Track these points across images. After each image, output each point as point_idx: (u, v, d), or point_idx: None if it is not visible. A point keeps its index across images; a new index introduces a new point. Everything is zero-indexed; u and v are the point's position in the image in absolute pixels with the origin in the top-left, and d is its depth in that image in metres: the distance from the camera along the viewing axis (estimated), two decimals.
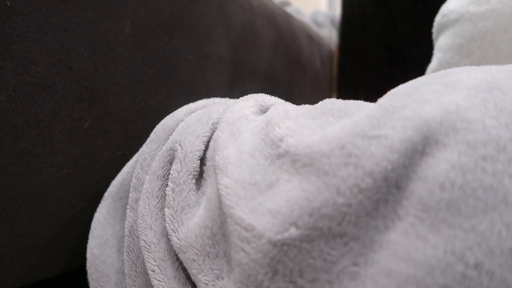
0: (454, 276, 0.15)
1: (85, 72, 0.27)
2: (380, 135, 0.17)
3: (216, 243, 0.20)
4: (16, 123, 0.23)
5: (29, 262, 0.26)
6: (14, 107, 0.23)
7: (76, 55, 0.26)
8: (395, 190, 0.17)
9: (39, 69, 0.24)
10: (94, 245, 0.27)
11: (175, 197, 0.23)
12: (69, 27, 0.26)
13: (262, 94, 0.28)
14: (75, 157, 0.27)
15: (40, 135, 0.25)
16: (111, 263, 0.26)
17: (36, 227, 0.26)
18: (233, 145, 0.22)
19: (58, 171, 0.26)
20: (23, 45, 0.23)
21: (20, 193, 0.24)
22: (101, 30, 0.28)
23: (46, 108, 0.25)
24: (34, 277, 0.27)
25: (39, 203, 0.26)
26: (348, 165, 0.17)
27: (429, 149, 0.16)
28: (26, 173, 0.24)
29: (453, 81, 0.19)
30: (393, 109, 0.18)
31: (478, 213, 0.15)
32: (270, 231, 0.17)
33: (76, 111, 0.27)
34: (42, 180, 0.25)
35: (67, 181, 0.27)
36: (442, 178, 0.16)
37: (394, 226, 0.16)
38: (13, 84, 0.23)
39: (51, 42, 0.25)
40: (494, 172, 0.15)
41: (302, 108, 0.23)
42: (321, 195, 0.17)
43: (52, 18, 0.25)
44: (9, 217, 0.24)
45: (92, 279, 0.26)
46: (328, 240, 0.17)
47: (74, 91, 0.27)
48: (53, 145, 0.26)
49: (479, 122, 0.16)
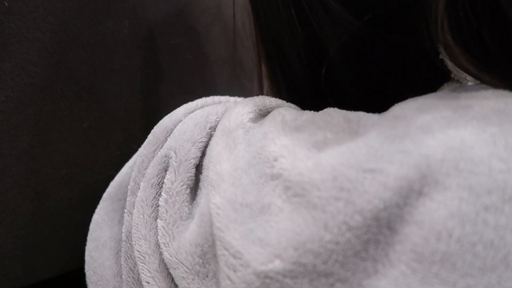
0: None
1: (84, 72, 0.27)
2: (375, 169, 0.16)
3: (206, 262, 0.20)
4: (15, 124, 0.23)
5: (28, 262, 0.26)
6: (13, 108, 0.23)
7: (75, 55, 0.26)
8: (387, 231, 0.15)
9: (37, 70, 0.24)
10: (92, 248, 0.26)
11: (167, 209, 0.22)
12: (67, 27, 0.26)
13: (261, 96, 0.27)
14: (74, 157, 0.27)
15: (39, 135, 0.25)
16: (109, 266, 0.25)
17: (35, 227, 0.26)
18: (228, 160, 0.21)
19: (57, 171, 0.26)
20: (22, 45, 0.23)
21: (19, 194, 0.24)
22: (99, 30, 0.28)
23: (45, 108, 0.25)
24: (33, 277, 0.27)
25: (39, 203, 0.26)
26: (338, 200, 0.16)
27: (427, 190, 0.15)
28: (25, 174, 0.24)
29: (463, 106, 0.17)
30: (394, 138, 0.17)
31: (475, 272, 0.14)
32: (256, 260, 0.16)
33: (75, 111, 0.27)
34: (41, 181, 0.25)
35: (66, 182, 0.27)
36: (439, 227, 0.14)
37: (384, 271, 0.15)
38: (12, 84, 0.23)
39: (50, 43, 0.25)
40: (497, 226, 0.14)
41: (300, 119, 0.22)
42: (308, 229, 0.16)
43: (50, 18, 0.25)
44: (9, 218, 0.24)
45: (90, 282, 0.26)
46: (312, 279, 0.16)
47: (72, 91, 0.27)
48: (52, 146, 0.26)
49: (485, 164, 0.15)
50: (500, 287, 0.14)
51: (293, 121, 0.21)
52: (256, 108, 0.25)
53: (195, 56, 0.37)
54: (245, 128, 0.23)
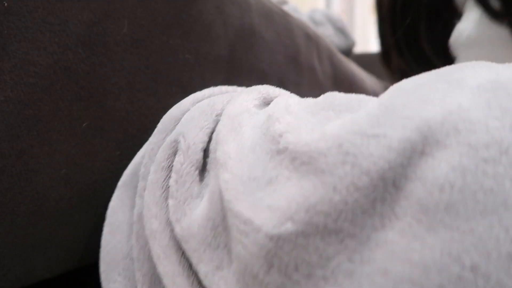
0: (450, 278, 0.15)
1: (83, 72, 0.27)
2: (379, 134, 0.17)
3: (217, 234, 0.20)
4: (14, 124, 0.23)
5: (28, 262, 0.26)
6: (12, 108, 0.23)
7: (74, 55, 0.26)
8: (392, 189, 0.16)
9: (37, 70, 0.24)
10: (107, 231, 0.28)
11: (178, 188, 0.23)
12: (66, 27, 0.26)
13: (266, 85, 0.28)
14: (74, 157, 0.27)
15: (38, 135, 0.25)
16: (120, 248, 0.27)
17: (35, 227, 0.26)
18: (234, 140, 0.22)
19: (57, 171, 0.26)
20: (21, 45, 0.23)
21: (19, 194, 0.24)
22: (98, 30, 0.28)
23: (45, 108, 0.25)
24: (33, 278, 0.27)
25: (38, 203, 0.26)
26: (345, 163, 0.17)
27: (429, 149, 0.16)
28: (25, 174, 0.24)
29: (457, 79, 0.19)
30: (394, 107, 0.18)
31: (477, 216, 0.15)
32: (267, 225, 0.17)
33: (74, 111, 0.27)
34: (41, 181, 0.25)
35: (66, 181, 0.27)
36: (442, 180, 0.15)
37: (391, 225, 0.16)
38: (11, 84, 0.23)
39: (49, 42, 0.25)
40: (495, 175, 0.15)
41: (304, 102, 0.23)
42: (317, 192, 0.17)
43: (50, 18, 0.25)
44: (8, 218, 0.24)
45: (103, 262, 0.27)
46: (323, 237, 0.17)
47: (72, 91, 0.27)
48: (51, 145, 0.26)
49: (482, 123, 0.16)
50: (500, 226, 0.15)
51: (297, 104, 0.22)
52: (260, 95, 0.26)
53: (194, 56, 0.37)
54: (250, 113, 0.24)
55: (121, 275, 0.26)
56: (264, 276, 0.17)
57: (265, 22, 0.52)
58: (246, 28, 0.46)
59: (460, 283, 0.15)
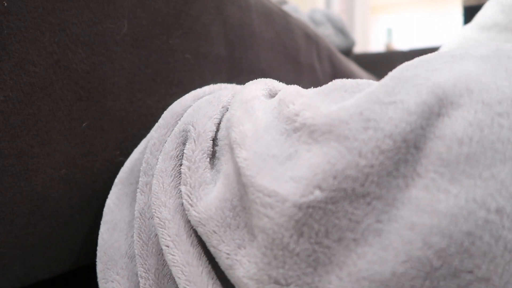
0: (477, 222, 0.15)
1: (83, 72, 0.27)
2: (396, 101, 0.18)
3: (236, 214, 0.21)
4: (14, 124, 0.23)
5: (28, 262, 0.26)
6: (12, 108, 0.23)
7: (74, 55, 0.26)
8: (414, 150, 0.17)
9: (36, 69, 0.24)
10: (104, 230, 0.28)
11: (191, 175, 0.23)
12: (66, 27, 0.26)
13: (270, 79, 0.29)
14: (73, 157, 0.27)
15: (38, 135, 0.25)
16: (118, 247, 0.27)
17: (35, 227, 0.26)
18: (249, 121, 0.22)
19: (57, 171, 0.26)
20: (21, 45, 0.23)
21: (19, 194, 0.24)
22: (98, 29, 0.28)
23: (44, 108, 0.25)
24: (33, 278, 0.27)
25: (38, 203, 0.26)
26: (368, 129, 0.17)
27: (444, 110, 0.17)
28: (25, 174, 0.24)
29: (460, 53, 0.19)
30: (406, 78, 0.18)
31: (497, 163, 0.16)
32: (295, 194, 0.18)
33: (74, 111, 0.27)
34: (41, 181, 0.25)
35: (65, 181, 0.27)
36: (460, 134, 0.16)
37: (414, 183, 0.17)
38: (11, 84, 0.23)
39: (49, 42, 0.25)
40: (511, 127, 0.16)
41: (313, 89, 0.23)
42: (344, 158, 0.17)
43: (49, 18, 0.25)
44: (8, 218, 0.24)
45: (100, 262, 0.27)
46: (352, 201, 0.17)
47: (71, 91, 0.26)
48: (51, 145, 0.26)
49: (492, 83, 0.17)
50: None
51: (307, 90, 0.23)
52: (266, 87, 0.27)
53: (194, 56, 0.37)
54: (260, 100, 0.25)
55: (119, 274, 0.25)
56: (295, 245, 0.18)
57: (265, 22, 0.52)
58: (246, 28, 0.46)
59: (487, 226, 0.15)
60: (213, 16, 0.40)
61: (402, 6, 5.12)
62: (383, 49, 4.65)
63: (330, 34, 1.26)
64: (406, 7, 5.11)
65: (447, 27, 4.78)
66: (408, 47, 1.63)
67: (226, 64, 0.42)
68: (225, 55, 0.42)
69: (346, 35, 1.30)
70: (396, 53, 1.65)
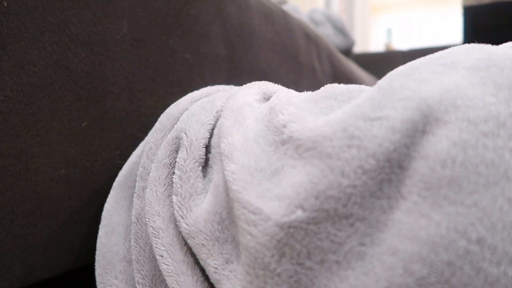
0: (457, 252, 0.15)
1: (83, 71, 0.27)
2: (381, 117, 0.17)
3: (225, 228, 0.20)
4: (14, 124, 0.23)
5: (28, 262, 0.26)
6: (12, 108, 0.23)
7: (74, 55, 0.26)
8: (398, 170, 0.17)
9: (36, 69, 0.24)
10: (102, 234, 0.27)
11: (182, 185, 0.23)
12: (66, 27, 0.26)
13: (265, 81, 0.28)
14: (73, 157, 0.27)
15: (38, 135, 0.25)
16: (116, 251, 0.26)
17: (34, 227, 0.26)
18: (238, 132, 0.22)
19: (56, 171, 0.26)
20: (20, 45, 0.23)
21: (19, 194, 0.24)
22: (98, 29, 0.28)
23: (44, 108, 0.25)
24: (33, 278, 0.27)
25: (38, 203, 0.26)
26: (351, 147, 0.17)
27: (429, 128, 0.17)
28: (24, 174, 0.24)
29: (451, 61, 0.19)
30: (393, 90, 0.18)
31: (480, 189, 0.15)
32: (277, 213, 0.17)
33: (74, 111, 0.27)
34: (40, 181, 0.25)
35: (65, 181, 0.27)
36: (443, 155, 0.16)
37: (398, 205, 0.17)
38: (11, 84, 0.23)
39: (48, 42, 0.25)
40: (495, 148, 0.15)
41: (305, 94, 0.23)
42: (326, 178, 0.17)
43: (49, 17, 0.25)
44: (8, 218, 0.24)
45: (99, 266, 0.27)
46: (334, 222, 0.17)
47: (71, 91, 0.26)
48: (51, 145, 0.26)
49: (479, 99, 0.16)
50: (503, 197, 0.15)
51: (298, 96, 0.23)
52: (260, 91, 0.26)
53: (194, 56, 0.37)
54: (251, 106, 0.24)
55: (118, 278, 0.25)
56: (276, 266, 0.17)
57: (265, 22, 0.52)
58: (245, 28, 0.46)
59: (467, 257, 0.15)
60: (213, 16, 0.40)
61: (402, 6, 5.12)
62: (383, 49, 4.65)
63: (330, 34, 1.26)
64: (406, 7, 5.11)
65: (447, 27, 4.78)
66: (408, 47, 1.64)
67: (226, 64, 0.42)
68: (225, 55, 0.42)
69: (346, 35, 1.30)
70: (395, 53, 1.65)
